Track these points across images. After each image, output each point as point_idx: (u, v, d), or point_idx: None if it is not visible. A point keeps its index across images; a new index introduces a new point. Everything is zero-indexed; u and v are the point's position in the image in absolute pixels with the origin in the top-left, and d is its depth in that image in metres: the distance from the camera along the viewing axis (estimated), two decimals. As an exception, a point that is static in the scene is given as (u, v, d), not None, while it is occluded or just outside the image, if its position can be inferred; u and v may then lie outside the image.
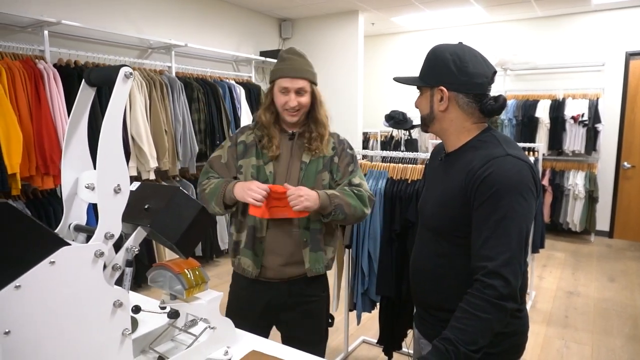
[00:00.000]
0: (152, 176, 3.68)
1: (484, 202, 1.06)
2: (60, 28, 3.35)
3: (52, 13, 3.37)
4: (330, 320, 1.80)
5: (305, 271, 1.60)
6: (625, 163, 5.43)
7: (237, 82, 4.72)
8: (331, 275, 4.10)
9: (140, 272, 3.63)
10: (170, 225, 0.88)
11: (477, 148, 1.15)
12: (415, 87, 1.25)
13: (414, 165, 2.40)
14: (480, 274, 1.03)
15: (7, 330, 0.68)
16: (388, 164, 2.48)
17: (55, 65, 3.17)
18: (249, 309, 1.63)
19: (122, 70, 0.80)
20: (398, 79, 1.25)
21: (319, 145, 1.62)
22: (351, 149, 1.74)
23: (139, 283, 3.66)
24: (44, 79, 2.99)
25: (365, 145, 6.35)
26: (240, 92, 4.65)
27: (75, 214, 0.88)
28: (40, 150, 2.95)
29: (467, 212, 1.10)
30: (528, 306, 3.52)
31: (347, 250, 2.61)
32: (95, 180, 0.79)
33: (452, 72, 1.14)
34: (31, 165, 2.92)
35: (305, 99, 1.62)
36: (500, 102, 1.15)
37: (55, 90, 3.03)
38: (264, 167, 1.60)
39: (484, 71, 1.15)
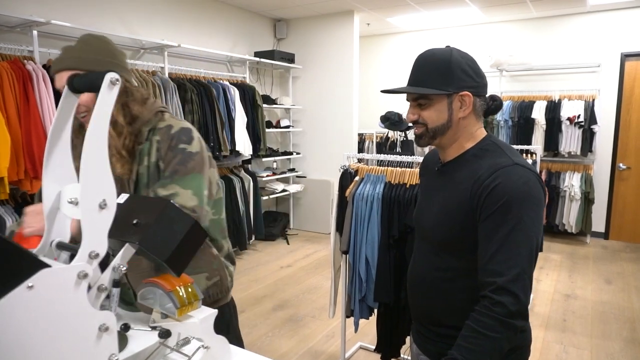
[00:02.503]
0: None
1: (492, 213, 1.01)
2: (49, 28, 3.27)
3: (41, 13, 3.30)
4: None
5: None
6: (621, 164, 5.43)
7: (231, 83, 4.65)
8: (327, 279, 4.08)
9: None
10: (160, 242, 0.83)
11: (481, 157, 1.10)
12: (410, 98, 1.14)
13: (412, 169, 2.35)
14: (488, 290, 0.98)
15: (-20, 363, 0.62)
16: (386, 167, 2.43)
17: (44, 66, 3.09)
18: None
19: (108, 77, 0.74)
20: (401, 91, 1.11)
21: (113, 162, 1.21)
22: (188, 142, 1.28)
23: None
24: (33, 80, 2.91)
25: (360, 147, 6.31)
26: (235, 93, 4.58)
27: (57, 230, 0.82)
28: (29, 153, 2.88)
29: (473, 224, 1.05)
30: (526, 310, 3.49)
31: (344, 255, 2.56)
32: (79, 195, 0.74)
33: (471, 76, 1.10)
34: (20, 169, 2.85)
35: (85, 98, 1.21)
36: (499, 101, 1.20)
37: (45, 92, 2.95)
38: None
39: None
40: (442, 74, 1.09)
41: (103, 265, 0.80)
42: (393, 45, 6.75)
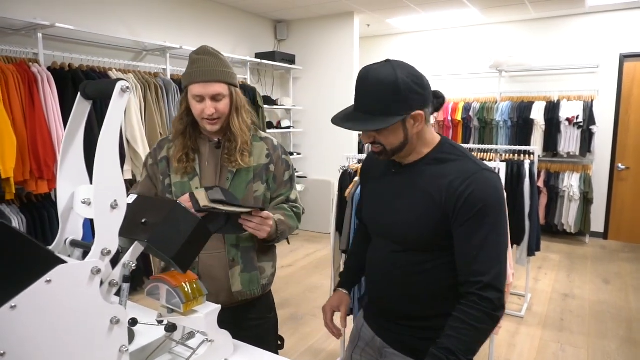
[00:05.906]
0: (148, 179, 3.66)
1: (469, 219, 1.09)
2: (54, 31, 3.32)
3: (45, 16, 3.35)
4: (280, 343, 1.69)
5: (236, 294, 1.47)
6: (620, 165, 5.47)
7: (232, 85, 4.70)
8: (328, 278, 4.12)
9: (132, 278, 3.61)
10: (167, 240, 0.87)
11: (444, 162, 1.16)
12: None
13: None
14: (475, 289, 1.08)
15: (2, 352, 0.66)
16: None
17: (49, 69, 3.14)
18: None
19: (119, 85, 0.79)
20: (355, 129, 1.11)
21: (239, 157, 1.47)
22: (287, 154, 1.62)
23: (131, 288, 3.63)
24: (38, 83, 2.96)
25: (360, 148, 6.35)
26: (236, 95, 4.63)
27: (71, 229, 0.87)
28: (35, 154, 2.93)
29: (446, 226, 1.13)
30: (524, 309, 3.53)
31: (343, 255, 2.61)
32: (92, 196, 0.78)
33: (418, 92, 1.08)
34: (25, 169, 2.90)
35: (223, 105, 1.44)
36: (442, 98, 1.26)
37: (50, 94, 3.00)
38: (189, 184, 1.47)
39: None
40: (392, 99, 1.06)
41: (113, 262, 0.85)
42: (393, 46, 6.80)
